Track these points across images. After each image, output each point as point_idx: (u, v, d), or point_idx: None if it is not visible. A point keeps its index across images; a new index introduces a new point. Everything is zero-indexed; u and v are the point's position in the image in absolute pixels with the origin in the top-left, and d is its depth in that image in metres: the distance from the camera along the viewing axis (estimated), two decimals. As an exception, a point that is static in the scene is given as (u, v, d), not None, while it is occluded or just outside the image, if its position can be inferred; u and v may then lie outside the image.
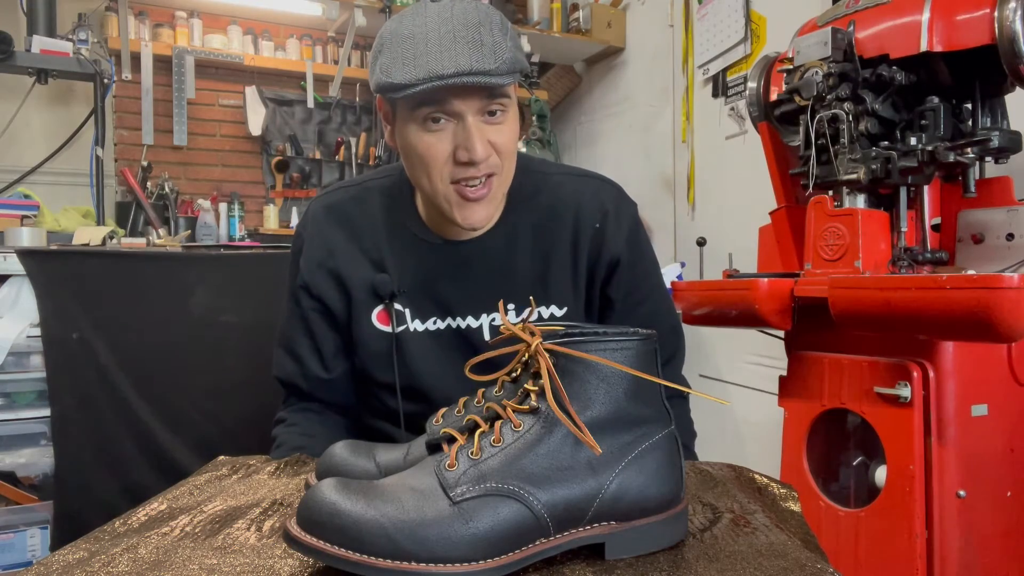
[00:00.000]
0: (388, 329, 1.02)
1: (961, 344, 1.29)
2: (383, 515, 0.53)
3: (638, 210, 1.11)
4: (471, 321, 1.02)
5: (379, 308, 1.02)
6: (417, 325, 1.02)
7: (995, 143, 1.31)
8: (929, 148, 1.32)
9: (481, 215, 0.95)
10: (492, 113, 0.90)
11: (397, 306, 1.01)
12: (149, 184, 2.85)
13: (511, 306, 1.02)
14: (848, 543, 1.37)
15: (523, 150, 2.93)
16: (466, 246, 1.02)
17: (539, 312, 1.02)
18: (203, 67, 3.04)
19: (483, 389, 0.66)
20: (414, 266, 1.02)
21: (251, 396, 1.85)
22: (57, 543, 1.76)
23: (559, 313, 1.03)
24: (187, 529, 0.67)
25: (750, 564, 0.59)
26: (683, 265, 2.65)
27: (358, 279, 1.02)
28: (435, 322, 1.02)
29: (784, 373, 1.55)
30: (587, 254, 1.04)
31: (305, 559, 0.59)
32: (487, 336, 1.02)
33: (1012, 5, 1.22)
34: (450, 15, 0.86)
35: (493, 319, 1.01)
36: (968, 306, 1.08)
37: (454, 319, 1.02)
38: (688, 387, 1.11)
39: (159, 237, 2.49)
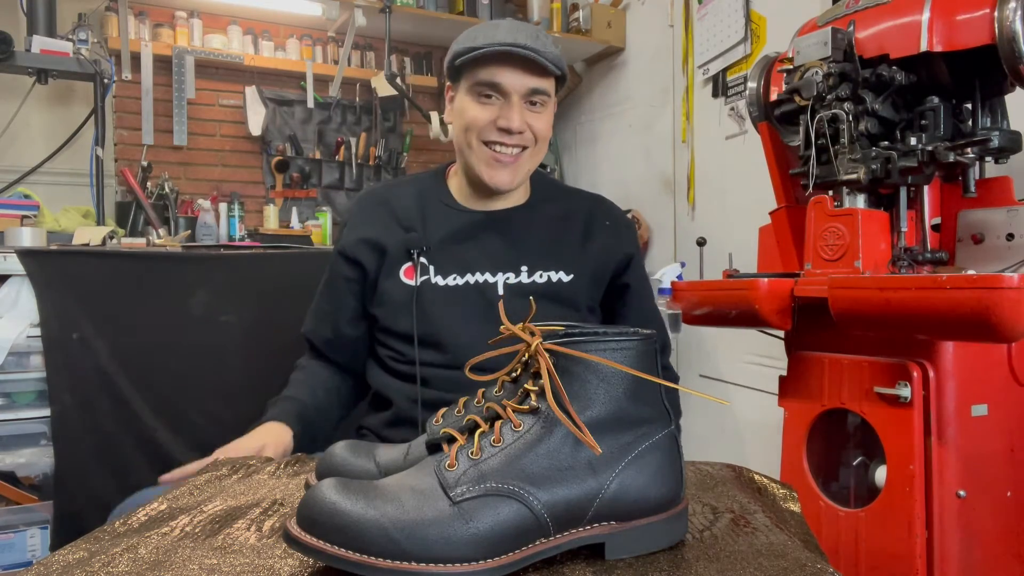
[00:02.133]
0: (413, 283, 1.16)
1: (961, 344, 1.29)
2: (383, 515, 0.53)
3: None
4: (488, 277, 1.15)
5: (407, 264, 1.17)
6: (439, 280, 1.16)
7: (995, 143, 1.31)
8: (929, 148, 1.32)
9: (506, 178, 1.13)
10: (533, 103, 1.12)
11: (422, 260, 1.16)
12: (149, 184, 2.84)
13: (524, 267, 1.16)
14: (848, 543, 1.37)
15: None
16: (489, 215, 1.19)
17: (548, 276, 1.16)
18: (203, 67, 3.04)
19: (483, 389, 0.66)
20: (441, 229, 1.18)
21: (251, 396, 1.84)
22: (57, 543, 1.76)
23: (566, 279, 1.17)
24: (187, 529, 0.67)
25: (750, 564, 0.59)
26: (683, 265, 2.64)
27: (392, 241, 1.18)
28: (455, 278, 1.16)
29: (784, 373, 1.55)
30: (600, 243, 1.20)
31: (305, 559, 0.59)
32: (500, 292, 1.15)
33: (1012, 5, 1.22)
34: (518, 24, 1.12)
35: (507, 278, 1.15)
36: (968, 306, 1.08)
37: (472, 275, 1.15)
38: (676, 376, 1.30)
39: (159, 237, 2.49)
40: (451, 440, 0.61)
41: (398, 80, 3.04)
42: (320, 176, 3.25)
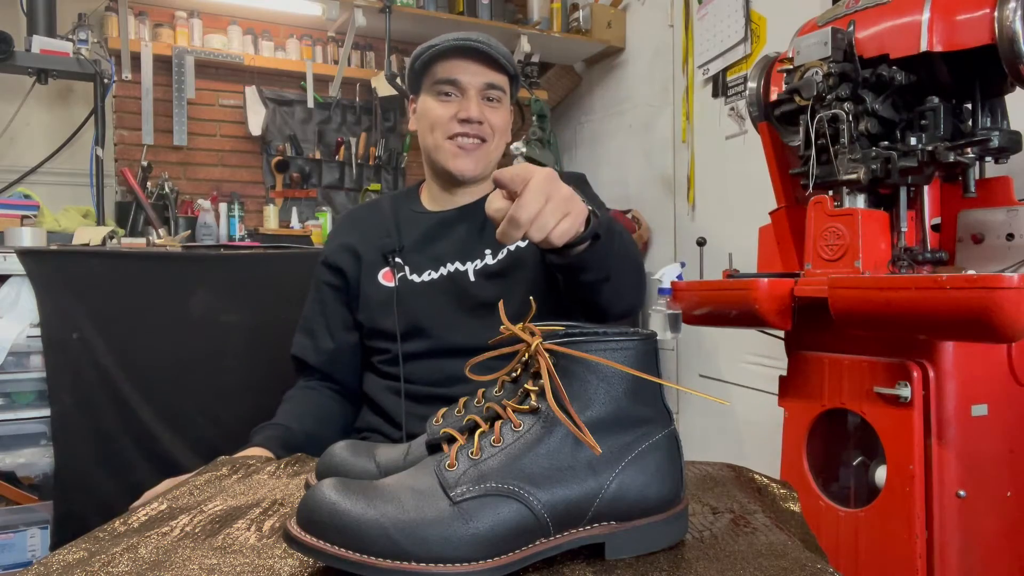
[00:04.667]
0: (392, 284, 1.22)
1: (961, 344, 1.29)
2: (383, 515, 0.53)
3: (586, 177, 1.35)
4: (459, 266, 1.21)
5: (385, 269, 1.24)
6: (415, 278, 1.22)
7: (995, 143, 1.31)
8: (929, 148, 1.32)
9: (469, 165, 1.22)
10: (490, 99, 1.21)
11: (398, 260, 1.23)
12: (149, 184, 2.84)
13: (487, 251, 1.21)
14: (848, 543, 1.37)
15: (523, 150, 2.93)
16: (453, 212, 1.26)
17: (508, 249, 1.21)
18: (203, 67, 3.04)
19: (483, 389, 0.66)
20: (413, 232, 1.26)
21: (251, 396, 1.85)
22: (57, 543, 1.76)
23: (523, 243, 1.20)
24: (187, 529, 0.67)
25: (750, 564, 0.59)
26: (683, 265, 2.64)
27: (369, 247, 1.26)
28: (429, 274, 1.22)
29: (784, 373, 1.55)
30: None
31: (305, 559, 0.59)
32: (472, 278, 1.20)
33: (1012, 5, 1.22)
34: (468, 30, 1.21)
35: (476, 264, 1.21)
36: (968, 306, 1.08)
37: (444, 267, 1.22)
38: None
39: (159, 237, 2.49)
40: (451, 440, 0.61)
41: (398, 80, 3.04)
42: (320, 176, 3.25)
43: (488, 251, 1.22)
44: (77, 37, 2.50)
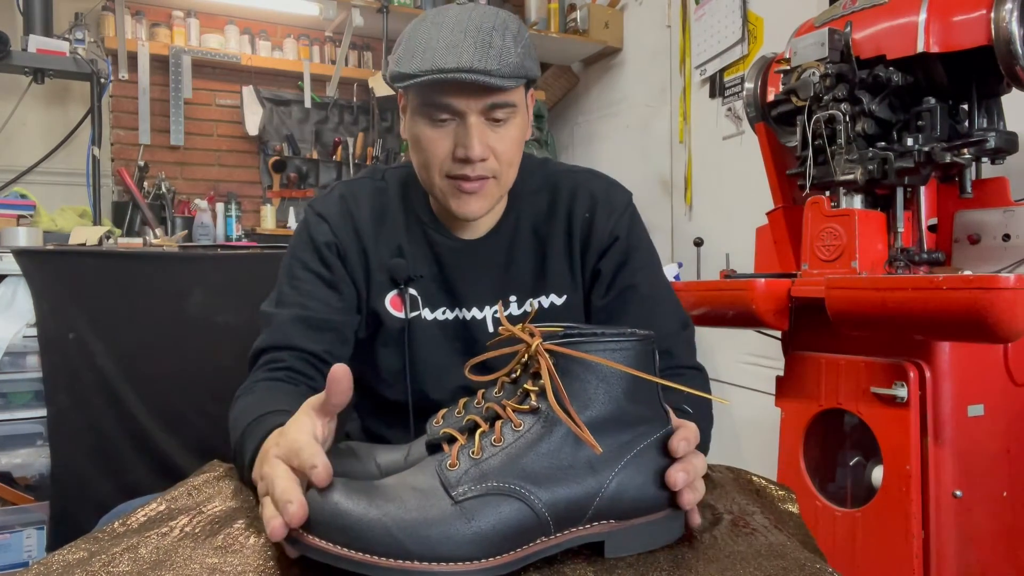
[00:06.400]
0: (401, 315, 1.02)
1: (957, 344, 1.30)
2: (385, 514, 0.53)
3: (632, 198, 1.12)
4: (476, 312, 1.04)
5: (393, 293, 1.03)
6: (427, 314, 1.03)
7: (991, 144, 1.32)
8: (926, 149, 1.33)
9: (475, 207, 0.97)
10: (496, 120, 0.93)
11: (411, 291, 1.03)
12: (146, 184, 2.84)
13: (513, 298, 1.04)
14: (845, 543, 1.37)
15: (520, 150, 2.93)
16: (473, 243, 1.05)
17: (539, 303, 1.04)
18: (200, 67, 3.03)
19: (483, 390, 0.66)
20: (427, 257, 1.05)
21: (248, 396, 1.85)
22: (53, 544, 1.76)
23: (559, 301, 1.05)
24: (187, 529, 0.67)
25: (750, 564, 0.60)
26: (680, 265, 2.65)
27: (378, 261, 1.03)
28: (444, 312, 1.04)
29: (781, 373, 1.55)
30: (580, 242, 1.06)
31: (307, 559, 0.59)
32: (490, 328, 1.03)
33: (1008, 6, 1.23)
34: (467, 18, 0.90)
35: (495, 311, 1.03)
36: (964, 306, 1.09)
37: (461, 310, 1.04)
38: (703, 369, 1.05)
39: (156, 237, 2.48)
40: (451, 440, 0.61)
41: (395, 80, 3.03)
42: (317, 176, 3.25)
43: (513, 298, 1.04)
44: (74, 37, 2.50)
